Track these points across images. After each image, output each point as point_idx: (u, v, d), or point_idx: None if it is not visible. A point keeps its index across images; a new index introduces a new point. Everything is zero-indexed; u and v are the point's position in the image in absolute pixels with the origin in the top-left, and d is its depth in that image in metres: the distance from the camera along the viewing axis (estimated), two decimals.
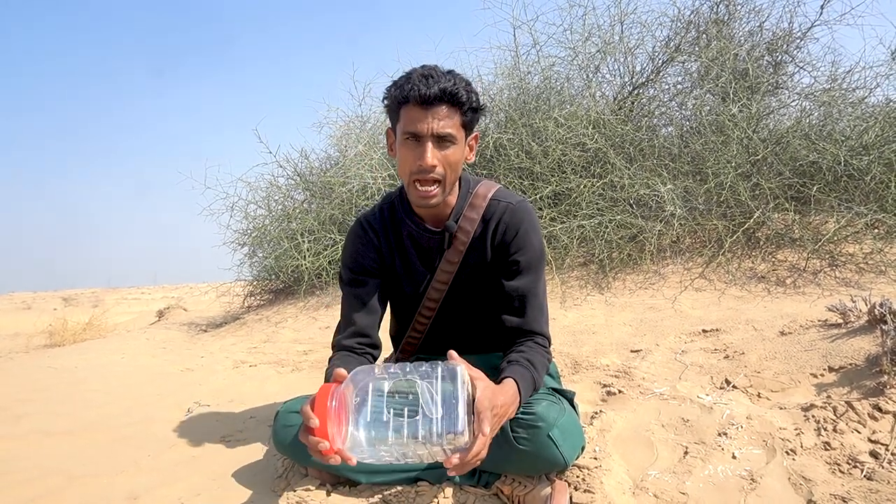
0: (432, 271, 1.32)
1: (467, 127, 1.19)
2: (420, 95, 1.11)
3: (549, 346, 1.28)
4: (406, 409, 0.90)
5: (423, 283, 1.33)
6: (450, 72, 1.16)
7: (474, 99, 1.17)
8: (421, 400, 0.90)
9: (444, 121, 1.13)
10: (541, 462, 1.15)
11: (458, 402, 0.89)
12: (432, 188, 1.18)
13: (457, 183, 1.28)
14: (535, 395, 1.23)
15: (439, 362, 0.94)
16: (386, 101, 1.20)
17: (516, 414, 1.16)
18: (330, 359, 1.28)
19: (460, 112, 1.15)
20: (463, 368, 0.93)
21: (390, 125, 1.23)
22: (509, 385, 1.07)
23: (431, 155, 1.14)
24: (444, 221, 1.28)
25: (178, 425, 1.97)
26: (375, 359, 1.33)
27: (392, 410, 0.91)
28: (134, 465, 1.61)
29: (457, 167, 1.20)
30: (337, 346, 1.30)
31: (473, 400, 0.93)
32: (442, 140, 1.14)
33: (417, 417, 0.89)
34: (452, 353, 0.99)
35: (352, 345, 1.28)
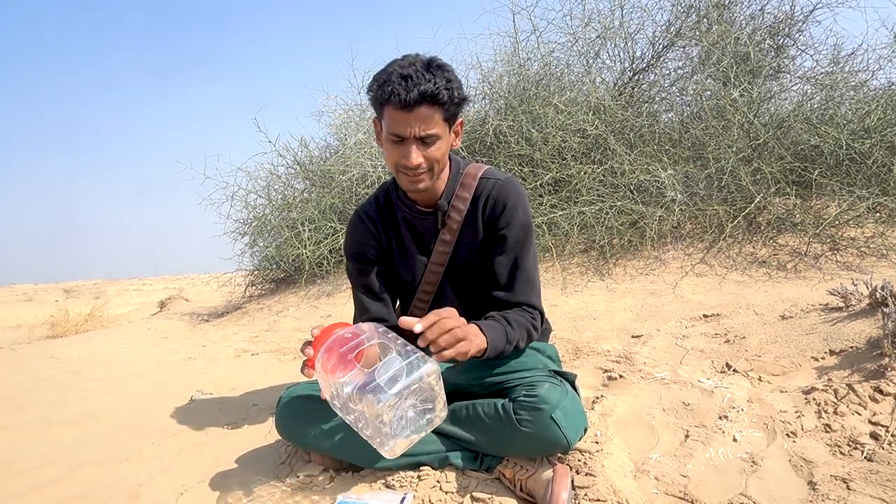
0: (428, 255, 1.34)
1: (450, 120, 1.19)
2: (400, 101, 1.09)
3: (541, 316, 1.31)
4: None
5: (419, 268, 1.35)
6: (429, 67, 1.12)
7: (455, 94, 1.14)
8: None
9: (426, 122, 1.13)
10: (544, 444, 1.16)
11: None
12: (420, 175, 1.19)
13: (446, 166, 1.30)
14: (536, 377, 1.23)
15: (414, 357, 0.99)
16: (369, 94, 1.17)
17: (519, 396, 1.17)
18: None
19: (442, 110, 1.14)
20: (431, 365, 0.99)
21: (376, 115, 1.21)
22: (472, 325, 1.12)
23: (416, 155, 1.15)
24: (437, 202, 1.30)
25: (181, 413, 1.98)
26: None
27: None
28: (137, 453, 1.62)
29: (443, 159, 1.22)
30: None
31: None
32: (424, 140, 1.15)
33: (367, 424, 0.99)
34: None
35: None
